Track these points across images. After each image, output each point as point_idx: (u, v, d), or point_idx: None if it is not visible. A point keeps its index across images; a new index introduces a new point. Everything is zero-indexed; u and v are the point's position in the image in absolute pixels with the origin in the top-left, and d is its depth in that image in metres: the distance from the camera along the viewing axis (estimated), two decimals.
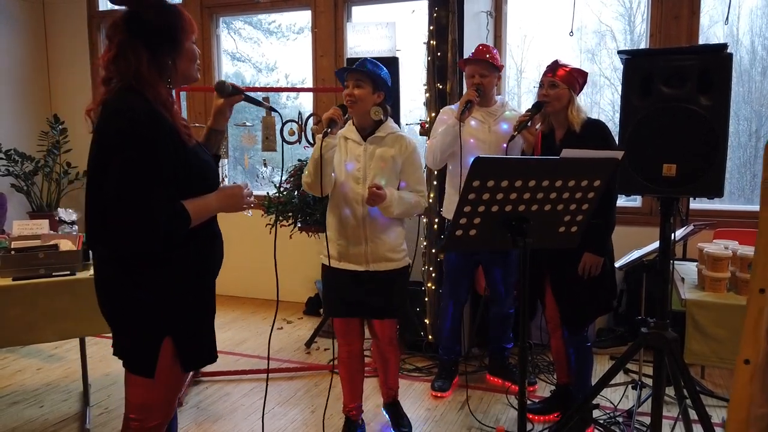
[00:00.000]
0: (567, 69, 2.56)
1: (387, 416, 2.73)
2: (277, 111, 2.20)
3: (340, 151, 2.38)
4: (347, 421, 2.61)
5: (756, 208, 3.72)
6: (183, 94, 4.22)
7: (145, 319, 1.58)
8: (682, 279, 2.31)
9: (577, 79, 2.57)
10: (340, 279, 2.40)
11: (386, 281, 2.40)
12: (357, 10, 4.58)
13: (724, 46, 1.85)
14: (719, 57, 1.84)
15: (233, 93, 1.80)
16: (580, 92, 2.62)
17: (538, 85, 2.65)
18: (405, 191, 2.41)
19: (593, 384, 2.49)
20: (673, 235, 2.08)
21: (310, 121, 3.52)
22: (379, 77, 2.31)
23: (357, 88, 2.29)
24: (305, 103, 5.04)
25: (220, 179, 1.81)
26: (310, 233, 3.65)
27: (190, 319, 1.63)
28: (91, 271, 2.45)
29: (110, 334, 1.66)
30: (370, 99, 2.31)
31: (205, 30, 4.89)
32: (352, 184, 2.34)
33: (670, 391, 2.88)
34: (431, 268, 3.41)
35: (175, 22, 1.56)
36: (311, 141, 3.76)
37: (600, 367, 3.33)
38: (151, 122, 1.48)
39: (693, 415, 2.07)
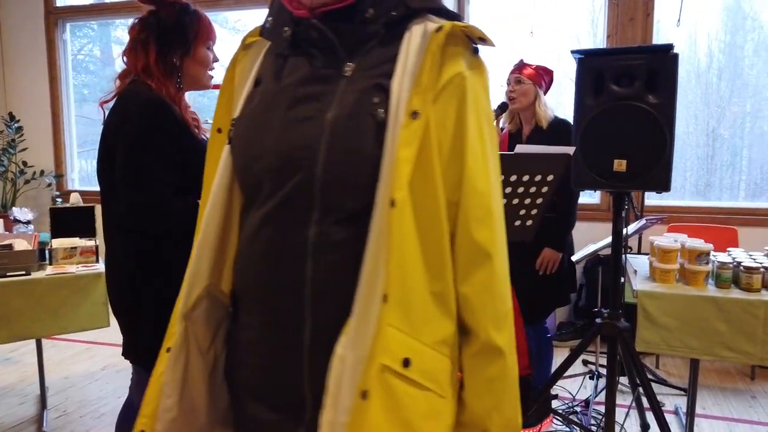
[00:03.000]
0: (532, 67, 2.63)
1: None
2: None
3: None
4: None
5: (709, 203, 3.87)
6: None
7: (134, 313, 1.62)
8: (635, 271, 2.38)
9: (542, 76, 2.63)
10: None
11: None
12: None
13: (671, 46, 1.92)
14: (666, 57, 1.91)
15: None
16: (547, 90, 2.68)
17: (505, 84, 2.70)
18: None
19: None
20: (625, 229, 2.15)
21: None
22: None
23: None
24: None
25: None
26: None
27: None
28: (47, 271, 2.40)
29: (66, 336, 1.64)
30: None
31: None
32: None
33: (627, 381, 2.96)
34: None
35: (188, 23, 1.60)
36: None
37: (561, 360, 3.40)
38: (157, 108, 1.51)
39: (646, 403, 2.14)
